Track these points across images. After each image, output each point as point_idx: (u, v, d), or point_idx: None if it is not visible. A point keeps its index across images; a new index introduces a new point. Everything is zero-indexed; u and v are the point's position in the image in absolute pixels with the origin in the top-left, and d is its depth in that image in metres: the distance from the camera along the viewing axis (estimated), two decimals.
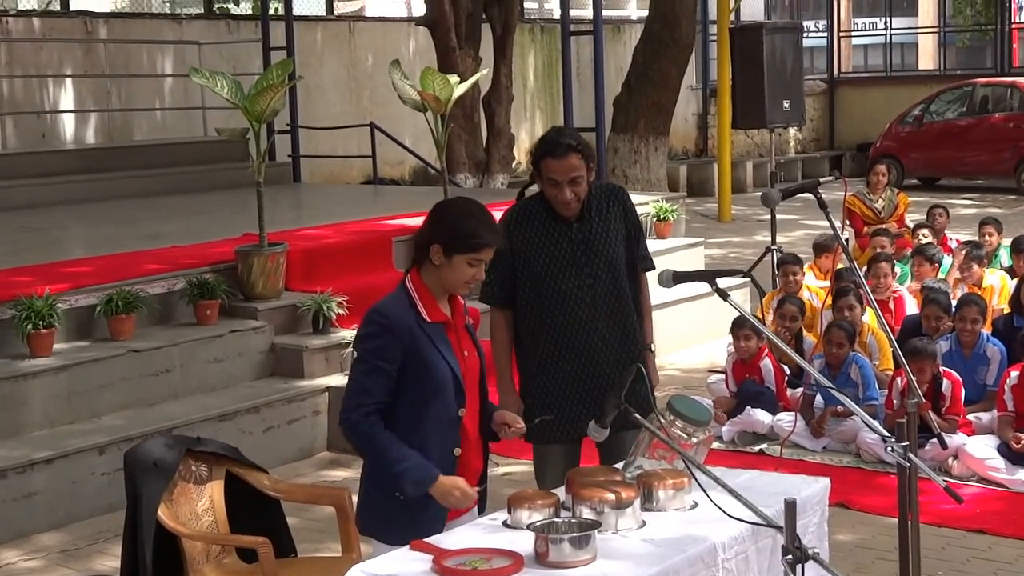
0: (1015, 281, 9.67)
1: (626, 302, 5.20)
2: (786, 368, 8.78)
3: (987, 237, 11.45)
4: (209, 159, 14.78)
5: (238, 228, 10.18)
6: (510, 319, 5.22)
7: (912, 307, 9.75)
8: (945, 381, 7.79)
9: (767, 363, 8.65)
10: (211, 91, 9.20)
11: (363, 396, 4.20)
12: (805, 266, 11.98)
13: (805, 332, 9.31)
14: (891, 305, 9.79)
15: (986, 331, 8.57)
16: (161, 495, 4.79)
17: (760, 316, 9.72)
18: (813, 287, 10.59)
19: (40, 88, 15.41)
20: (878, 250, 10.92)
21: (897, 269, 10.52)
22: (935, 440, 6.72)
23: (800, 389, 8.50)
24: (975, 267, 10.20)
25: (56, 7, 17.22)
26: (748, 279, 10.75)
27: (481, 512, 4.47)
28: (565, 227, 5.11)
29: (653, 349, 5.43)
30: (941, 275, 10.44)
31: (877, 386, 8.28)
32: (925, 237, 11.71)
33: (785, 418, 8.31)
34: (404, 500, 4.24)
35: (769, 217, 12.90)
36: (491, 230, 4.28)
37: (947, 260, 11.02)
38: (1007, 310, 9.17)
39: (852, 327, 8.60)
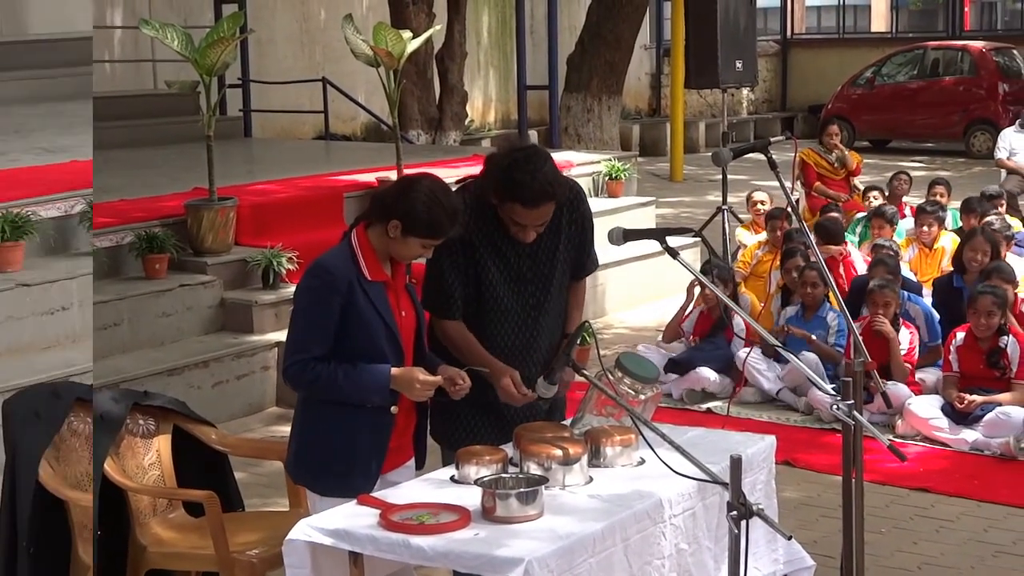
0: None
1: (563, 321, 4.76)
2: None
3: (939, 197, 11.48)
4: (159, 112, 14.61)
5: (188, 182, 10.10)
6: (457, 327, 4.57)
7: (862, 268, 9.77)
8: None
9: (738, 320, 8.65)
10: (161, 43, 9.10)
11: (301, 352, 4.21)
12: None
13: (741, 290, 9.39)
14: (841, 270, 9.79)
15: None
16: (43, 450, 4.69)
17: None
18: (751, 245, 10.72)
19: None
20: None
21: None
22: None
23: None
24: (935, 227, 10.24)
25: None
26: (699, 238, 10.81)
27: (420, 466, 4.48)
28: (515, 240, 4.54)
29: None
30: (897, 238, 10.45)
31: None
32: (876, 199, 11.75)
33: (750, 351, 8.19)
34: (337, 451, 4.26)
35: (720, 177, 12.94)
36: (454, 220, 4.25)
37: (902, 224, 11.02)
38: None
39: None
